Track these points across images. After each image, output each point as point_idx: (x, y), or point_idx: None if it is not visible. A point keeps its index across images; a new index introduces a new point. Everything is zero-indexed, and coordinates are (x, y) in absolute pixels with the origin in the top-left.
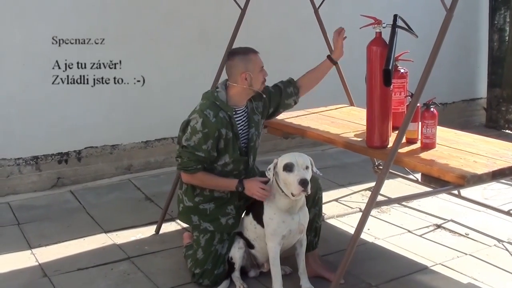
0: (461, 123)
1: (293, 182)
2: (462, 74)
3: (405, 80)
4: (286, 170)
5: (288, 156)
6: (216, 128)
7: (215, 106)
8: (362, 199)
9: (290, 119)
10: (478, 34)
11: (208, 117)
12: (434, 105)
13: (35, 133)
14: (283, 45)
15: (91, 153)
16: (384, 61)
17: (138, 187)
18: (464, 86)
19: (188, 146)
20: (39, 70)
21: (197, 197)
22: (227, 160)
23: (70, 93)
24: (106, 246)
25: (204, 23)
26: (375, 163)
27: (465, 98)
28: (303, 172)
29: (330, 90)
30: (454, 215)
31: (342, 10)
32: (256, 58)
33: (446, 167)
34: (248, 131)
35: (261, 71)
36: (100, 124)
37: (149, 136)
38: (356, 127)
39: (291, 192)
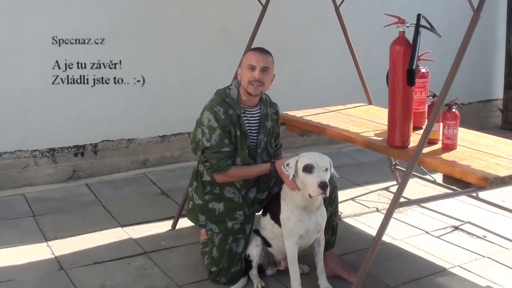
0: (476, 124)
1: (312, 184)
2: (478, 75)
3: (426, 80)
4: (305, 171)
5: (308, 156)
6: (226, 125)
7: (225, 103)
8: (379, 199)
9: (309, 117)
10: (495, 35)
11: (218, 113)
12: (456, 106)
13: (52, 125)
14: (302, 44)
15: (107, 147)
16: (408, 61)
17: (153, 182)
18: (480, 87)
19: (211, 147)
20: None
21: (207, 195)
22: (238, 161)
23: (88, 86)
24: (122, 240)
25: (224, 19)
26: (391, 162)
27: (481, 99)
28: (323, 175)
29: (347, 88)
30: (471, 217)
31: (361, 9)
32: (250, 55)
33: (468, 168)
34: (257, 136)
35: (249, 69)
36: (117, 118)
37: (166, 131)
38: (376, 126)
39: (309, 193)
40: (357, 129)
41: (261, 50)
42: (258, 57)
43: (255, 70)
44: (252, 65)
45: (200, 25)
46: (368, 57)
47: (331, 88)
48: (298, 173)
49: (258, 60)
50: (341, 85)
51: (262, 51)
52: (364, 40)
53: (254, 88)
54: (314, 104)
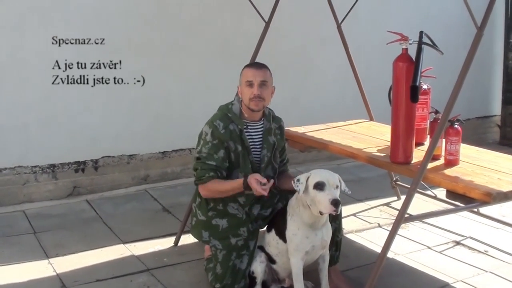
0: (475, 140)
1: (324, 201)
2: (476, 91)
3: (428, 97)
4: (317, 188)
5: (319, 173)
6: (225, 140)
7: (226, 118)
8: (380, 214)
9: (311, 133)
10: (493, 51)
11: (218, 128)
12: (459, 122)
13: (53, 141)
14: (303, 60)
15: (108, 163)
16: (411, 77)
17: (155, 198)
18: (479, 104)
19: (200, 157)
20: (58, 79)
21: (210, 211)
22: (238, 175)
23: (89, 102)
24: (124, 257)
25: (226, 34)
26: (392, 178)
27: (479, 115)
28: (334, 192)
29: (347, 104)
30: (472, 232)
31: (361, 27)
32: (246, 71)
33: (472, 184)
34: (260, 152)
35: (247, 85)
36: (118, 134)
37: (167, 147)
38: (378, 142)
39: (320, 210)
40: (360, 145)
41: (257, 65)
42: (254, 73)
43: (253, 86)
44: (250, 81)
45: (202, 40)
46: (368, 74)
47: (331, 104)
48: (309, 190)
49: (255, 75)
50: (341, 101)
51: (258, 65)
52: (363, 57)
53: (256, 104)
54: (314, 120)
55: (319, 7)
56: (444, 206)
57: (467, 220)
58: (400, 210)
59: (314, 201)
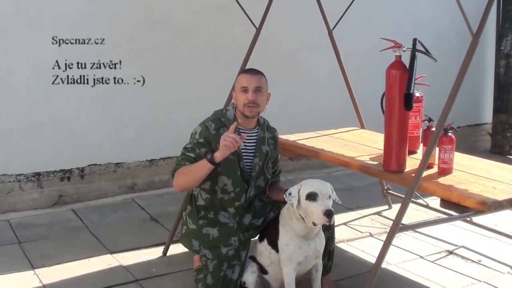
0: (465, 148)
1: (317, 212)
2: (467, 99)
3: (421, 104)
4: (309, 199)
5: (310, 184)
6: (212, 141)
7: (219, 121)
8: (372, 223)
9: (302, 141)
10: (484, 59)
11: (209, 128)
12: (452, 130)
13: (38, 148)
14: (293, 67)
15: (94, 171)
16: (405, 85)
17: (142, 207)
18: (469, 111)
19: (184, 150)
20: (44, 85)
21: (201, 219)
22: (226, 181)
23: (75, 108)
24: (112, 267)
25: (216, 40)
26: (384, 186)
27: (470, 123)
28: (327, 202)
29: (337, 112)
30: (465, 241)
31: (352, 34)
32: (241, 77)
33: (466, 192)
34: (252, 160)
35: (242, 91)
36: (105, 141)
37: (154, 155)
38: (370, 151)
39: (313, 221)
40: (352, 153)
41: (252, 71)
42: (250, 78)
43: (248, 92)
44: (245, 86)
45: (190, 46)
46: (359, 81)
47: (321, 111)
48: (301, 202)
49: (250, 81)
50: (331, 108)
51: (253, 71)
52: (354, 64)
53: (250, 110)
54: (304, 127)
55: (310, 13)
56: (436, 215)
57: (460, 230)
58: (395, 219)
59: (307, 212)
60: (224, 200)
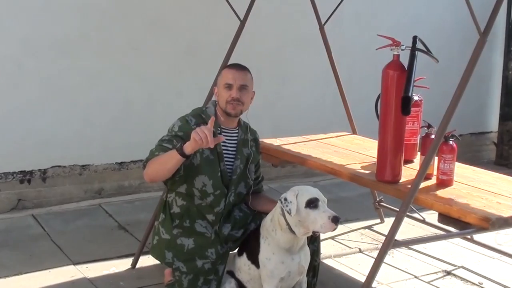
0: (468, 159)
1: (321, 220)
2: (471, 104)
3: (420, 109)
4: (309, 206)
5: (306, 190)
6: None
7: (199, 117)
8: (361, 238)
9: (287, 146)
10: (491, 60)
11: (189, 122)
12: (454, 138)
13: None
14: (279, 64)
15: (58, 173)
16: (403, 87)
17: (110, 214)
18: (473, 118)
19: (158, 143)
20: (5, 78)
21: (175, 228)
22: (207, 182)
23: (38, 104)
24: (75, 280)
25: (195, 33)
26: (376, 198)
27: (473, 131)
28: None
29: (326, 115)
30: (465, 261)
31: (344, 29)
32: (226, 72)
33: (467, 207)
34: (233, 162)
35: (226, 87)
36: (70, 141)
37: (125, 157)
38: (362, 158)
39: (315, 230)
40: (342, 161)
41: (238, 67)
42: (235, 75)
43: (232, 89)
44: (229, 83)
45: (167, 38)
46: (351, 81)
47: (309, 113)
48: (299, 210)
49: (235, 78)
50: (320, 111)
51: (239, 67)
52: (347, 63)
53: (233, 107)
54: (290, 131)
55: (300, 6)
56: (433, 231)
57: (459, 248)
58: (387, 234)
59: (306, 220)
60: (202, 206)
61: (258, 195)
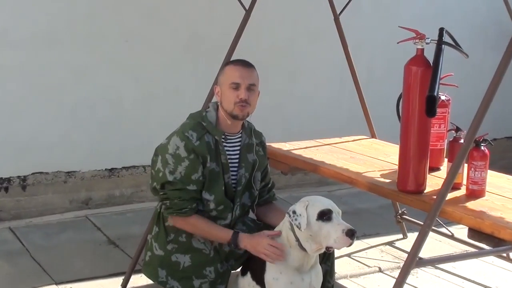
0: (503, 166)
1: (335, 233)
2: (506, 104)
3: (447, 110)
4: (322, 218)
5: (318, 201)
6: (201, 154)
7: (200, 127)
8: (381, 256)
9: (298, 151)
10: None
11: (191, 139)
12: (486, 143)
13: None
14: (289, 59)
15: (40, 181)
16: (428, 85)
17: (98, 227)
18: (508, 120)
19: (175, 181)
20: None
21: (170, 244)
22: (208, 197)
23: (18, 102)
24: None
25: (195, 24)
26: (397, 210)
27: (509, 135)
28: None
29: (342, 115)
30: (500, 282)
31: (362, 20)
32: (231, 70)
33: (502, 221)
34: (237, 171)
35: (232, 87)
36: (54, 144)
37: (115, 163)
38: (382, 165)
39: (329, 245)
40: (359, 168)
41: (244, 64)
42: (243, 73)
43: (240, 89)
44: (236, 82)
45: (164, 30)
46: (370, 79)
47: (323, 115)
48: (310, 223)
49: (243, 76)
50: (335, 111)
51: (245, 65)
52: (365, 58)
53: (241, 109)
54: (302, 134)
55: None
56: (463, 249)
57: (493, 267)
58: (410, 251)
59: (318, 235)
60: None
61: (269, 206)
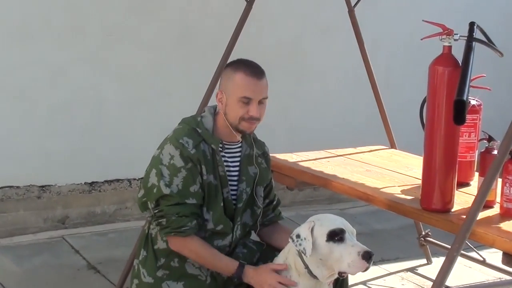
0: None
1: (350, 256)
2: None
3: (478, 116)
4: (333, 239)
5: (328, 219)
6: (198, 162)
7: (195, 134)
8: (402, 284)
9: (307, 163)
10: None
11: (186, 147)
12: None
13: None
14: (296, 58)
15: (10, 196)
16: (456, 89)
17: (76, 250)
18: None
19: (171, 196)
20: None
21: (160, 269)
22: (206, 215)
23: None
24: None
25: (187, 17)
26: (420, 232)
27: None
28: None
29: (358, 122)
30: None
31: (381, 13)
32: (244, 80)
33: None
34: (237, 186)
35: (241, 102)
36: (26, 155)
37: (96, 176)
38: (402, 180)
39: (342, 270)
40: (376, 183)
41: (257, 74)
42: (256, 86)
43: (251, 104)
44: (248, 98)
45: (152, 23)
46: (389, 80)
47: (335, 121)
48: (319, 246)
49: (256, 91)
50: (349, 118)
51: (259, 75)
52: (382, 57)
53: (249, 126)
54: (310, 143)
55: None
56: (496, 275)
57: None
58: (436, 279)
59: (329, 259)
60: None
61: (274, 226)
